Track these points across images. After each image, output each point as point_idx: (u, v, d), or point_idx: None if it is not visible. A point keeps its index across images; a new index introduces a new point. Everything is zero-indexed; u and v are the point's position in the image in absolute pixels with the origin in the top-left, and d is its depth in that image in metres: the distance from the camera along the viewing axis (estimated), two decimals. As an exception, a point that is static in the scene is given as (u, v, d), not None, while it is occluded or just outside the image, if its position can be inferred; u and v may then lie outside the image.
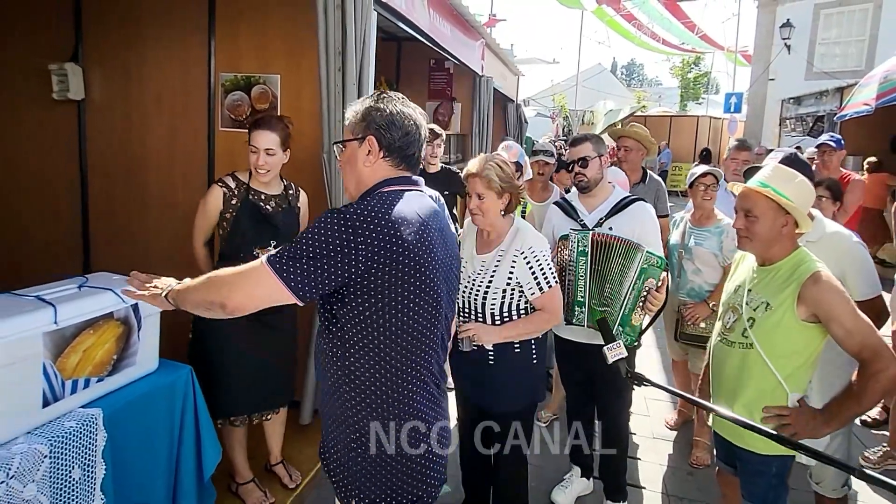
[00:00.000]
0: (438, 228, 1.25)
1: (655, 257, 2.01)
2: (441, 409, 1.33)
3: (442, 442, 1.31)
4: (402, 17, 3.23)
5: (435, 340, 1.27)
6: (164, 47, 3.11)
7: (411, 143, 1.25)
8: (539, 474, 2.54)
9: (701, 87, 30.13)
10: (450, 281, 1.31)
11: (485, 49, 5.57)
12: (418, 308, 1.18)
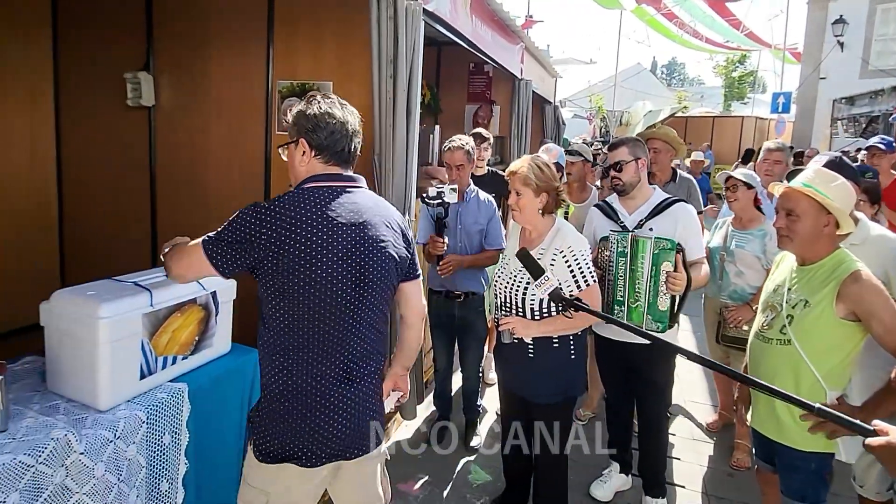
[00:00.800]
0: (353, 223, 1.31)
1: (665, 241, 2.07)
2: (332, 394, 1.32)
3: (318, 423, 1.33)
4: (448, 26, 3.37)
5: (334, 330, 1.31)
6: (227, 56, 3.35)
7: (338, 141, 1.36)
8: (578, 469, 2.60)
9: (746, 86, 29.01)
10: (367, 273, 1.33)
11: (524, 52, 5.65)
12: (310, 296, 1.28)
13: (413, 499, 2.47)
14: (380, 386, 1.48)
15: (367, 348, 1.39)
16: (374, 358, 1.42)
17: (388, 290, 1.42)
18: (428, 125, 4.44)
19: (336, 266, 1.29)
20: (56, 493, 1.31)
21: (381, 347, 1.46)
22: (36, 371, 1.64)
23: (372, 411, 1.43)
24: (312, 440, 1.32)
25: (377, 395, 1.46)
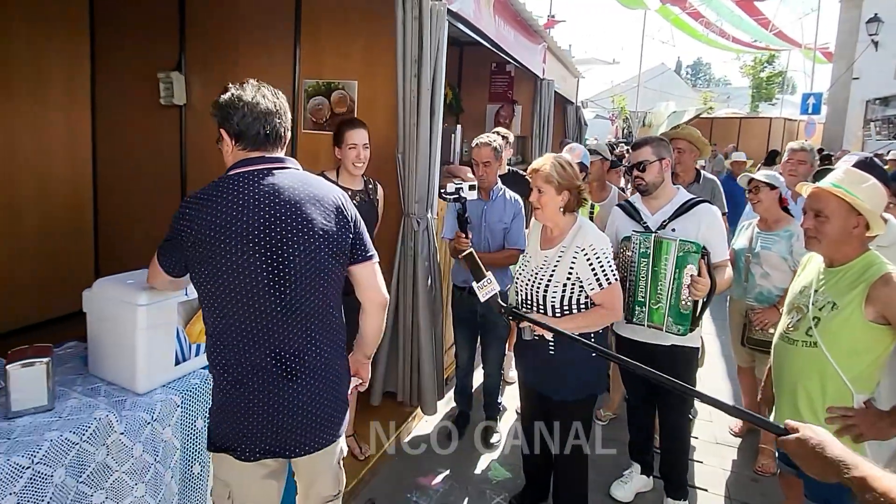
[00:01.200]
0: (269, 204, 1.26)
1: (690, 244, 2.05)
2: (270, 389, 1.28)
3: (246, 415, 1.30)
4: (471, 26, 3.40)
5: (258, 319, 1.26)
6: (255, 57, 3.44)
7: (251, 124, 1.29)
8: (599, 468, 2.59)
9: (775, 86, 28.30)
10: (285, 255, 1.26)
11: (546, 52, 5.64)
12: (228, 283, 1.24)
13: (433, 492, 2.50)
14: (338, 381, 1.39)
15: (307, 339, 1.30)
16: (319, 352, 1.33)
17: (320, 273, 1.30)
18: (449, 125, 4.48)
19: (248, 249, 1.24)
20: (97, 471, 1.38)
21: (332, 339, 1.36)
22: (78, 355, 1.73)
23: (324, 408, 1.34)
24: (246, 435, 1.29)
25: (332, 391, 1.36)
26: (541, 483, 2.36)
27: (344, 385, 1.44)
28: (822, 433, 0.99)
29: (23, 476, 1.21)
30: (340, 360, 1.42)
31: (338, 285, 1.38)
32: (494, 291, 1.47)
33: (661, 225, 2.23)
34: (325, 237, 1.30)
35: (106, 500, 1.40)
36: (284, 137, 1.36)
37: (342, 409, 1.42)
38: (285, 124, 1.36)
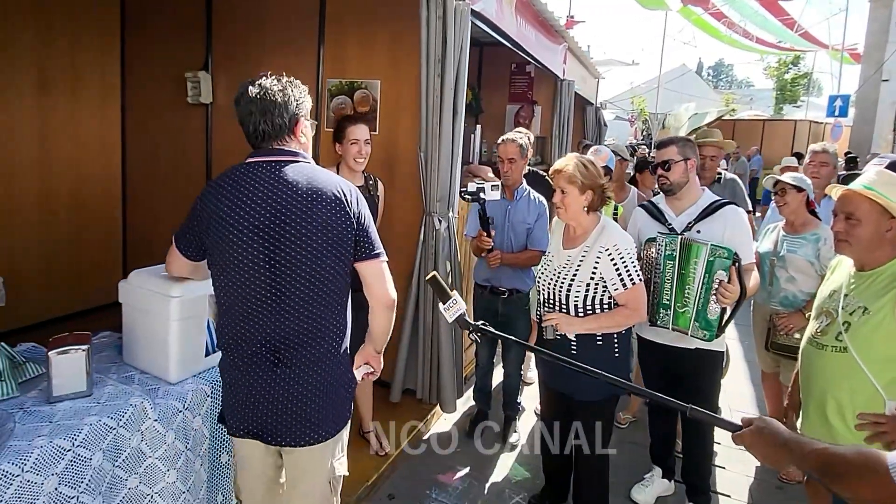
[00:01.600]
0: (269, 197, 1.28)
1: (722, 249, 2.02)
2: (258, 375, 1.33)
3: (234, 401, 1.38)
4: (494, 26, 3.41)
5: (255, 308, 1.30)
6: (280, 57, 3.50)
7: (244, 121, 1.33)
8: (619, 471, 2.56)
9: (800, 88, 27.68)
10: (280, 248, 1.28)
11: (567, 52, 5.62)
12: (229, 273, 1.31)
13: (452, 490, 2.51)
14: (329, 381, 1.36)
15: (299, 332, 1.31)
16: (311, 344, 1.32)
17: (317, 267, 1.30)
18: (469, 125, 4.48)
19: (247, 240, 1.28)
20: (132, 456, 1.43)
21: (327, 336, 1.35)
22: (112, 345, 1.78)
23: (309, 404, 1.33)
24: (234, 410, 1.38)
25: (321, 389, 1.35)
26: (560, 484, 2.35)
27: (339, 388, 1.38)
28: (771, 422, 1.04)
29: (64, 458, 1.25)
30: (335, 359, 1.37)
31: (338, 281, 1.35)
32: (461, 311, 1.48)
33: (687, 226, 2.20)
34: (322, 231, 1.29)
35: (140, 485, 1.44)
36: (290, 128, 1.34)
37: (333, 414, 1.37)
38: (288, 115, 1.32)
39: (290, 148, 1.35)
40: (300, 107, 1.36)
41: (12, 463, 1.16)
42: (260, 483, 1.48)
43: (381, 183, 2.60)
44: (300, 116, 1.36)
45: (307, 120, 1.40)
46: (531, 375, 3.56)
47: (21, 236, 3.56)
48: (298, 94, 1.36)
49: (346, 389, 1.43)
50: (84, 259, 3.94)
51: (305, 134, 1.40)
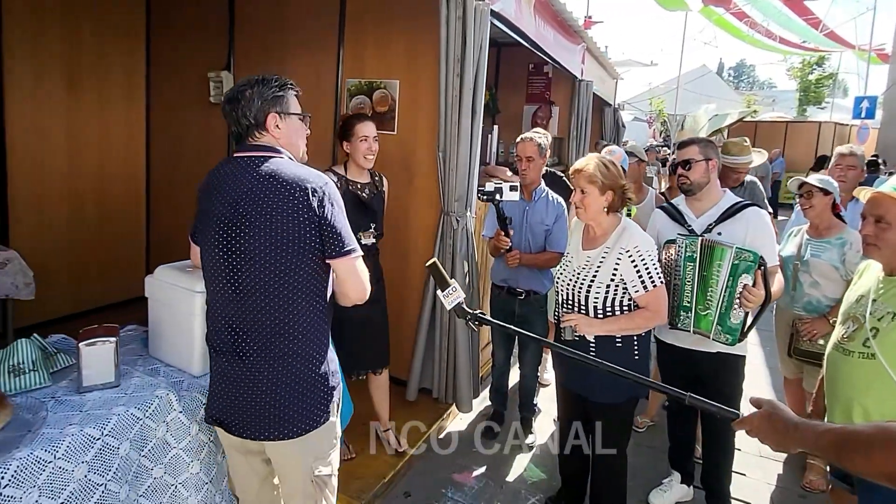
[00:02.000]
0: (233, 188, 1.33)
1: (748, 252, 1.97)
2: (223, 362, 1.37)
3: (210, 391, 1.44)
4: (512, 26, 3.40)
5: (219, 296, 1.36)
6: (300, 57, 3.54)
7: (228, 122, 1.40)
8: (636, 475, 2.54)
9: (825, 89, 27.04)
10: (236, 238, 1.30)
11: (585, 53, 5.58)
12: (204, 261, 1.40)
13: (468, 489, 2.51)
14: (297, 379, 1.34)
15: (260, 325, 1.32)
16: (275, 340, 1.31)
17: (275, 260, 1.29)
18: (486, 126, 4.48)
19: (213, 232, 1.34)
20: (157, 446, 1.46)
21: (291, 330, 1.32)
22: (138, 338, 1.82)
23: (273, 399, 1.32)
24: (210, 397, 1.43)
25: (289, 383, 1.33)
26: (577, 486, 2.33)
27: (310, 388, 1.36)
28: (780, 405, 1.04)
29: (94, 446, 1.29)
30: (303, 358, 1.34)
31: (300, 276, 1.32)
32: (460, 299, 1.49)
33: (707, 228, 2.17)
34: (279, 225, 1.28)
35: (164, 475, 1.47)
36: (259, 124, 1.36)
37: (300, 412, 1.35)
38: (253, 112, 1.35)
39: (263, 143, 1.38)
40: (267, 102, 1.36)
41: (45, 450, 1.20)
42: (250, 478, 1.49)
43: (385, 179, 2.61)
44: (271, 111, 1.36)
45: (282, 113, 1.38)
46: (548, 377, 3.54)
47: (50, 233, 3.66)
48: (265, 89, 1.36)
49: (320, 390, 1.38)
50: (109, 255, 4.04)
51: (281, 126, 1.38)
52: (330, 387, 1.41)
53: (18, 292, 2.93)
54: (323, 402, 1.39)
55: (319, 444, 1.42)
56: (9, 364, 1.43)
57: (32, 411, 1.32)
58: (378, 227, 2.45)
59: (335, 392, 1.44)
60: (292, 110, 1.41)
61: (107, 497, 1.32)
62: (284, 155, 1.38)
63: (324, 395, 1.39)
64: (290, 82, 1.43)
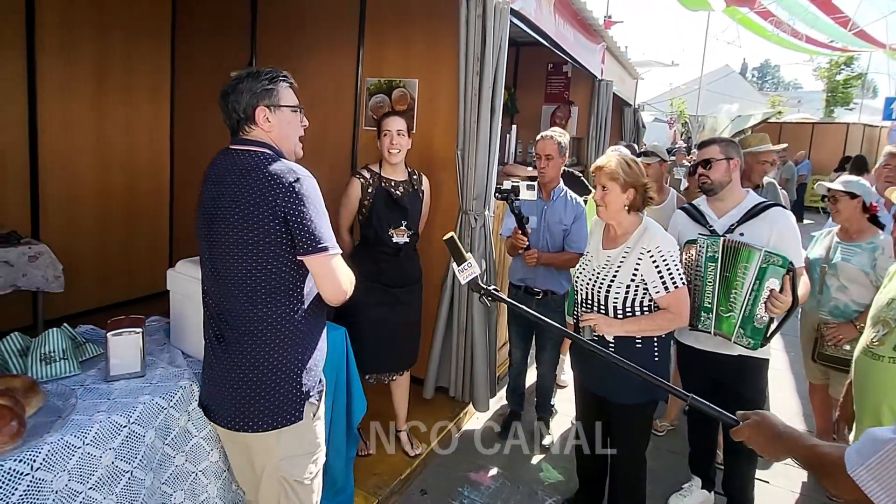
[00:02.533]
0: (216, 180, 1.36)
1: (777, 256, 1.92)
2: (209, 348, 1.41)
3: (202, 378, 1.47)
4: (532, 25, 3.39)
5: (206, 283, 1.41)
6: (321, 56, 3.58)
7: (223, 115, 1.41)
8: (656, 479, 2.50)
9: (853, 90, 26.28)
10: (214, 227, 1.34)
11: (605, 52, 5.53)
12: (198, 241, 1.43)
13: (484, 489, 2.51)
14: (267, 369, 1.34)
15: (236, 313, 1.33)
16: (248, 321, 1.32)
17: (245, 251, 1.30)
18: (504, 125, 4.47)
19: (200, 221, 1.40)
20: (180, 435, 1.49)
21: (263, 322, 1.33)
22: (161, 329, 1.86)
23: (244, 387, 1.33)
24: (201, 383, 1.47)
25: (259, 375, 1.33)
26: (595, 488, 2.31)
27: (280, 385, 1.34)
28: (767, 415, 1.09)
29: (120, 433, 1.32)
30: (277, 353, 1.34)
31: (270, 270, 1.31)
32: (475, 274, 1.51)
33: (729, 228, 2.12)
34: (247, 217, 1.29)
35: (186, 463, 1.50)
36: (247, 118, 1.36)
37: (268, 408, 1.34)
38: (241, 106, 1.35)
39: (252, 136, 1.38)
40: (256, 95, 1.36)
41: (74, 435, 1.23)
42: (243, 466, 1.48)
43: (425, 178, 2.60)
44: (259, 104, 1.36)
45: (272, 106, 1.37)
46: (565, 378, 3.51)
47: (78, 228, 3.77)
48: (254, 83, 1.36)
49: (290, 390, 1.36)
50: (134, 250, 4.15)
51: (271, 119, 1.38)
52: (302, 388, 1.37)
53: (48, 285, 3.02)
54: (292, 402, 1.36)
55: (288, 446, 1.39)
56: (40, 352, 1.48)
57: (63, 398, 1.36)
58: (411, 226, 2.43)
59: (312, 396, 1.40)
60: (283, 103, 1.39)
61: (132, 484, 1.35)
62: (268, 150, 1.37)
63: (294, 396, 1.36)
64: (283, 74, 1.41)
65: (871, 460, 0.80)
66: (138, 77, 4.06)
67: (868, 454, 0.81)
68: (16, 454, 1.13)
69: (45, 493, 1.16)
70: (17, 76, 3.36)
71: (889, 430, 0.82)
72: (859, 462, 0.81)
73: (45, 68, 3.47)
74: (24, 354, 1.51)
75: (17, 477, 1.12)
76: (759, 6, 15.53)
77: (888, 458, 0.79)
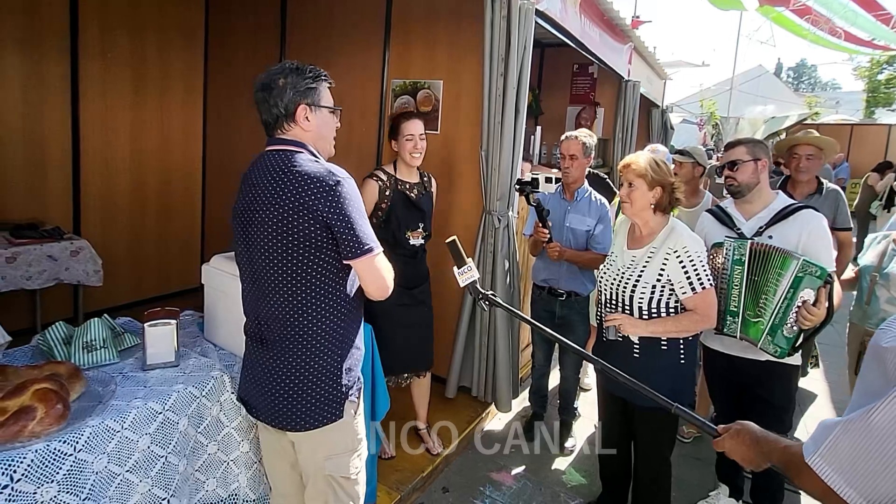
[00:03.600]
0: (253, 183, 1.34)
1: (815, 266, 1.84)
2: (251, 351, 1.42)
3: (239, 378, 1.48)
4: (557, 25, 3.38)
5: (247, 285, 1.40)
6: (347, 57, 3.65)
7: (259, 110, 1.36)
8: (683, 487, 2.46)
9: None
10: (251, 231, 1.32)
11: (632, 52, 5.46)
12: (234, 240, 1.42)
13: (506, 489, 2.50)
14: (307, 371, 1.33)
15: (276, 316, 1.32)
16: (289, 332, 1.32)
17: (283, 254, 1.28)
18: (529, 127, 4.46)
19: (236, 223, 1.38)
20: (212, 424, 1.54)
21: (302, 325, 1.32)
22: (195, 322, 1.93)
23: (284, 387, 1.33)
24: (240, 377, 1.47)
25: (299, 377, 1.33)
26: (619, 492, 2.28)
27: (319, 386, 1.34)
28: (746, 424, 1.08)
29: (156, 420, 1.38)
30: (315, 355, 1.33)
31: (316, 275, 1.30)
32: (474, 278, 1.51)
33: (758, 231, 2.06)
34: (284, 220, 1.27)
35: (218, 452, 1.55)
36: (288, 115, 1.33)
37: (308, 408, 1.34)
38: (283, 102, 1.32)
39: (289, 136, 1.35)
40: (299, 94, 1.33)
41: (114, 420, 1.30)
42: (278, 460, 1.49)
43: (433, 179, 2.62)
44: (301, 102, 1.33)
45: (313, 105, 1.35)
46: (588, 381, 3.48)
47: (116, 225, 3.94)
48: (298, 80, 1.33)
49: (330, 388, 1.35)
50: (167, 247, 4.30)
51: (311, 119, 1.35)
52: (342, 386, 1.37)
53: (88, 279, 3.16)
54: (332, 401, 1.36)
55: (331, 443, 1.40)
56: (82, 341, 1.55)
57: (103, 384, 1.42)
58: (427, 228, 2.45)
59: (351, 393, 1.40)
60: (323, 103, 1.38)
61: (167, 468, 1.40)
62: (306, 151, 1.35)
63: (334, 396, 1.36)
64: (325, 74, 1.40)
65: (823, 446, 0.81)
66: (173, 79, 4.21)
67: (820, 441, 0.82)
68: (60, 436, 1.19)
69: (87, 473, 1.22)
70: (61, 80, 3.52)
71: (837, 418, 0.83)
72: (814, 450, 0.83)
73: (86, 72, 3.64)
74: (67, 343, 1.59)
75: (62, 457, 1.18)
76: (794, 4, 15.04)
77: (837, 441, 0.80)
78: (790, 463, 0.90)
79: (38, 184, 3.49)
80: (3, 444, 1.13)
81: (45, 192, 3.53)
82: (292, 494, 1.53)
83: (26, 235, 3.02)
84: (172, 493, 1.41)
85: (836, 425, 0.81)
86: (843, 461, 0.78)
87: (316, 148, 1.39)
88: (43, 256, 2.98)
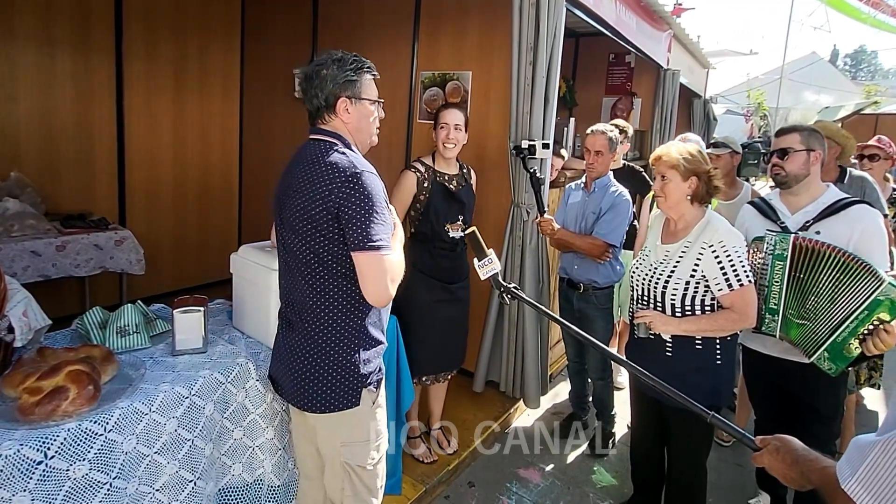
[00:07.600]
0: (288, 172, 1.39)
1: None
2: (280, 334, 1.45)
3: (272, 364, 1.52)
4: (590, 13, 3.27)
5: (280, 262, 1.44)
6: (377, 51, 3.65)
7: (304, 99, 1.38)
8: (719, 493, 2.36)
9: (966, 75, 23.19)
10: (283, 218, 1.37)
11: (671, 40, 5.24)
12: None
13: (533, 486, 2.46)
14: (326, 355, 1.35)
15: (303, 301, 1.36)
16: (311, 310, 1.35)
17: (308, 242, 1.32)
18: (563, 118, 4.36)
19: (275, 208, 1.41)
20: (237, 410, 1.57)
21: (323, 311, 1.34)
22: (224, 311, 1.98)
23: (305, 370, 1.36)
24: (272, 356, 1.52)
25: (318, 361, 1.35)
26: (650, 495, 2.19)
27: (336, 372, 1.36)
28: (787, 440, 1.01)
29: (183, 404, 1.42)
30: (333, 340, 1.36)
31: (333, 263, 1.33)
32: (495, 271, 1.49)
33: (804, 226, 1.90)
34: (312, 213, 1.29)
35: (244, 437, 1.59)
36: (328, 106, 1.35)
37: (326, 392, 1.36)
38: (324, 93, 1.33)
39: (328, 127, 1.37)
40: (339, 86, 1.33)
41: (143, 402, 1.34)
42: (305, 441, 1.52)
43: (472, 171, 2.56)
44: (341, 94, 1.34)
45: (354, 98, 1.36)
46: (621, 380, 3.37)
47: (158, 217, 4.12)
48: (339, 71, 1.33)
49: (346, 375, 1.36)
50: (207, 239, 4.47)
51: (351, 111, 1.36)
52: (360, 375, 1.37)
53: (132, 267, 3.32)
54: (348, 387, 1.37)
55: (347, 430, 1.40)
56: (117, 325, 1.62)
57: (134, 368, 1.47)
58: (467, 220, 2.39)
59: (369, 383, 1.40)
60: (364, 95, 1.38)
61: (194, 451, 1.44)
62: (340, 143, 1.35)
63: (350, 382, 1.37)
64: (368, 65, 1.40)
65: (860, 470, 0.74)
66: (211, 76, 4.35)
67: (857, 463, 0.74)
68: (92, 416, 1.24)
69: (117, 453, 1.27)
70: (107, 79, 3.70)
71: (872, 435, 0.75)
72: (849, 474, 0.75)
73: (130, 71, 3.80)
74: (103, 327, 1.66)
75: (93, 436, 1.23)
76: (853, -15, 14.06)
77: (876, 464, 0.72)
78: (825, 486, 0.84)
79: (87, 177, 3.69)
80: (38, 422, 1.18)
81: (94, 185, 3.72)
82: (317, 477, 1.55)
83: (74, 225, 3.19)
84: (199, 476, 1.45)
85: (873, 445, 0.74)
86: (884, 487, 0.71)
87: (355, 140, 1.40)
88: (90, 245, 3.14)
